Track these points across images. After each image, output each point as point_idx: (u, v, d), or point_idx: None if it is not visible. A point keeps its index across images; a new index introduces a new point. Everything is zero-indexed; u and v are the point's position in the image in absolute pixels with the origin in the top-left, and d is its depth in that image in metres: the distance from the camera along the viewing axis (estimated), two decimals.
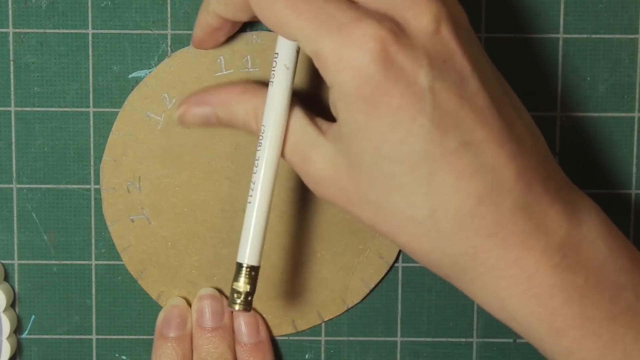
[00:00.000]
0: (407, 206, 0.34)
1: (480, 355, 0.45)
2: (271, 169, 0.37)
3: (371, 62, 0.33)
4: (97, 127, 0.43)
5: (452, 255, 0.35)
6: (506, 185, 0.34)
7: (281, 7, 0.34)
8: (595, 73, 0.43)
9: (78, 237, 0.44)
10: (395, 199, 0.34)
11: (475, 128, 0.34)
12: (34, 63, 0.43)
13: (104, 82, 0.43)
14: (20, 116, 0.43)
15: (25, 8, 0.42)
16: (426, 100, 0.33)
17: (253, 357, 0.43)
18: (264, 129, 0.37)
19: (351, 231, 0.43)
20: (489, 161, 0.34)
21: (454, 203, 0.34)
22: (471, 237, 0.34)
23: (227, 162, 0.43)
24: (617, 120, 0.43)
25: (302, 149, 0.37)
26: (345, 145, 0.35)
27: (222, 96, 0.39)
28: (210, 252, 0.43)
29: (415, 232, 0.35)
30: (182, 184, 0.43)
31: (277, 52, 0.37)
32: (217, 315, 0.43)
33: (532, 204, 0.35)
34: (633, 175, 0.44)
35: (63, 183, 0.43)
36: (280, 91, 0.37)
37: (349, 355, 0.44)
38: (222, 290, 0.44)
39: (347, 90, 0.34)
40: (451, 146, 0.34)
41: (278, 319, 0.44)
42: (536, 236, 0.34)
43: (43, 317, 0.44)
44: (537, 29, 0.43)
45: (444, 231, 0.34)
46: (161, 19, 0.43)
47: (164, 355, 0.42)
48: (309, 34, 0.34)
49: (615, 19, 0.43)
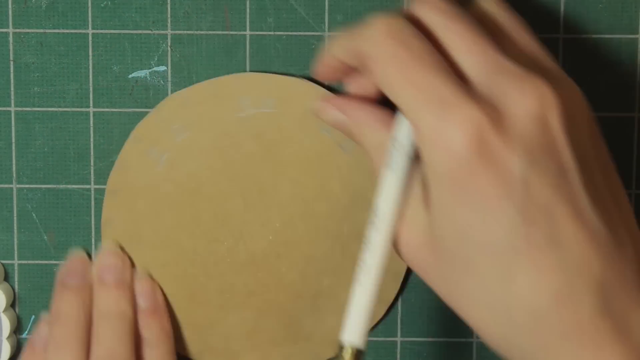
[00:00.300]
0: (483, 292, 0.34)
1: (480, 355, 0.45)
2: (384, 254, 0.37)
3: (465, 145, 0.33)
4: (97, 127, 0.43)
5: (522, 349, 0.34)
6: (591, 287, 0.33)
7: (392, 70, 0.34)
8: (595, 73, 0.43)
9: (78, 237, 0.44)
10: (472, 282, 0.34)
11: (568, 228, 0.33)
12: (34, 63, 0.43)
13: (104, 82, 0.43)
14: (20, 116, 0.43)
15: (25, 8, 0.42)
16: (517, 190, 0.32)
17: (151, 321, 0.42)
18: (378, 209, 0.36)
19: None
20: (576, 261, 0.33)
21: (531, 299, 0.33)
22: (545, 334, 0.33)
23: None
24: (617, 120, 0.43)
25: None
26: (432, 218, 0.35)
27: (362, 116, 0.39)
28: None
29: (488, 319, 0.34)
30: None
31: (397, 137, 0.37)
32: (118, 272, 0.43)
33: (615, 306, 0.33)
34: (633, 175, 0.44)
35: (63, 183, 0.43)
36: (399, 179, 0.36)
37: None
38: None
39: (438, 168, 0.33)
40: (537, 241, 0.32)
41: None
42: (616, 338, 0.33)
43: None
44: (537, 29, 0.43)
45: (517, 324, 0.33)
46: (161, 19, 0.43)
47: (65, 303, 0.42)
48: (412, 103, 0.34)
49: (615, 19, 0.43)
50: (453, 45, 0.35)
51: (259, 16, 0.43)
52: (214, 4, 0.43)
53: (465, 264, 0.34)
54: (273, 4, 0.43)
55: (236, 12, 0.43)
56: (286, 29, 0.43)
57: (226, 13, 0.43)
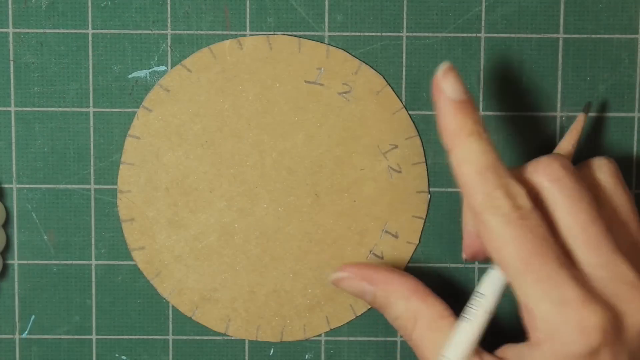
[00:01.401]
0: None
1: None
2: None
3: (585, 348, 0.34)
4: (97, 127, 0.43)
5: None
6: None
7: (513, 257, 0.35)
8: (595, 73, 0.43)
9: (78, 237, 0.44)
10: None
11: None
12: (34, 63, 0.43)
13: (104, 82, 0.43)
14: (20, 116, 0.43)
15: (25, 8, 0.42)
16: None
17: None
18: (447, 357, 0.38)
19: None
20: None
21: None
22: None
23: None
24: (617, 120, 0.43)
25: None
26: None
27: (388, 283, 0.40)
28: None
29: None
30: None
31: (483, 293, 0.38)
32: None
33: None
34: (633, 175, 0.44)
35: (63, 183, 0.43)
36: (474, 332, 0.38)
37: (349, 355, 0.44)
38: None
39: (547, 356, 0.34)
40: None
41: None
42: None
43: (43, 317, 0.44)
44: (537, 29, 0.43)
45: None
46: (161, 19, 0.43)
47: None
48: (531, 288, 0.35)
49: (615, 19, 0.43)
50: (569, 228, 0.36)
51: (259, 16, 0.43)
52: (214, 4, 0.43)
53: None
54: (273, 4, 0.43)
55: (236, 12, 0.43)
56: (286, 29, 0.43)
57: (226, 13, 0.43)
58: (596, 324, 0.34)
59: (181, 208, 0.43)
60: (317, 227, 0.43)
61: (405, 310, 0.39)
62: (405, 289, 0.40)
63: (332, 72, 0.42)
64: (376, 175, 0.43)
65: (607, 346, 0.34)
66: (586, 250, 0.36)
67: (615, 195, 0.38)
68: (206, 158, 0.43)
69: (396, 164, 0.43)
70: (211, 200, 0.43)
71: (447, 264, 0.44)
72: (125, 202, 0.43)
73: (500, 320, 0.43)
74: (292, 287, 0.43)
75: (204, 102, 0.42)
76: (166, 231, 0.43)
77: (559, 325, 0.34)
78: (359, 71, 0.42)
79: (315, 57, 0.42)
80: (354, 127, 0.43)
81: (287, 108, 0.43)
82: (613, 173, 0.39)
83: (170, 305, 0.44)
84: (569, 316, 0.34)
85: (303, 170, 0.43)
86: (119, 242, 0.44)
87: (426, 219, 0.43)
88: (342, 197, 0.43)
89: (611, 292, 0.35)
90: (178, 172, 0.43)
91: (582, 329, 0.34)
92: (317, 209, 0.43)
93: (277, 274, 0.43)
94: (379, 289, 0.40)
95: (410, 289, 0.40)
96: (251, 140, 0.43)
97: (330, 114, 0.43)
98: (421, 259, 0.44)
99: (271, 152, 0.43)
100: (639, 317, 0.34)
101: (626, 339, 0.34)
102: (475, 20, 0.43)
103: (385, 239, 0.43)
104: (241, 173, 0.43)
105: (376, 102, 0.43)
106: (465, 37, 0.43)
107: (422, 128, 0.43)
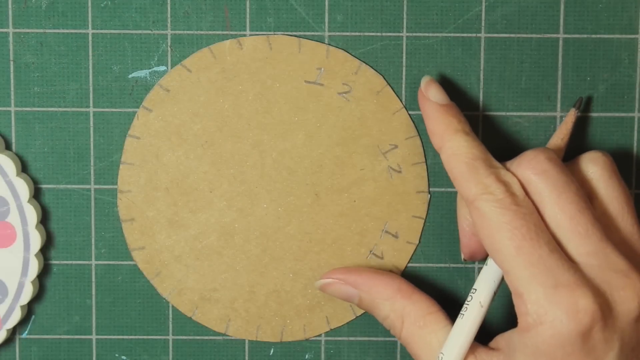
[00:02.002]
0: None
1: None
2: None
3: (575, 332, 0.34)
4: (97, 127, 0.43)
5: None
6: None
7: (506, 242, 0.35)
8: (595, 73, 0.43)
9: (78, 237, 0.44)
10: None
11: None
12: (34, 63, 0.43)
13: (104, 82, 0.43)
14: (20, 116, 0.43)
15: (25, 8, 0.42)
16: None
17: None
18: (442, 357, 0.38)
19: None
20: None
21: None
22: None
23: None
24: (617, 120, 0.43)
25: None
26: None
27: (371, 285, 0.40)
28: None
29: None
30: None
31: (476, 288, 0.38)
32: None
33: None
34: (633, 175, 0.44)
35: (63, 183, 0.43)
36: (469, 326, 0.38)
37: (349, 355, 0.44)
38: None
39: (537, 344, 0.34)
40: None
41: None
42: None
43: (43, 317, 0.44)
44: (537, 29, 0.43)
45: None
46: (161, 19, 0.43)
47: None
48: (522, 274, 0.35)
49: (615, 19, 0.43)
50: (557, 220, 0.36)
51: (259, 16, 0.43)
52: (214, 4, 0.43)
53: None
54: (273, 4, 0.43)
55: (236, 12, 0.43)
56: (286, 29, 0.43)
57: (226, 13, 0.43)
58: (587, 307, 0.34)
59: (181, 208, 0.43)
60: (317, 227, 0.43)
61: (392, 310, 0.40)
62: (389, 289, 0.40)
63: (332, 72, 0.42)
64: (376, 175, 0.43)
65: (597, 331, 0.34)
66: (575, 240, 0.36)
67: (608, 187, 0.38)
68: (206, 158, 0.43)
69: (396, 164, 0.43)
70: (211, 200, 0.43)
71: (447, 264, 0.44)
72: (125, 202, 0.43)
73: (496, 315, 0.43)
74: (292, 287, 0.43)
75: (204, 102, 0.42)
76: (166, 231, 0.43)
77: (550, 308, 0.34)
78: (359, 71, 0.42)
79: (315, 57, 0.42)
80: (354, 127, 0.43)
81: (287, 108, 0.43)
82: (606, 166, 0.39)
83: (170, 305, 0.44)
84: (560, 299, 0.34)
85: (303, 170, 0.43)
86: (119, 242, 0.44)
87: (426, 219, 0.44)
88: (342, 197, 0.43)
89: (602, 280, 0.35)
90: (178, 172, 0.43)
91: (572, 312, 0.34)
92: (317, 209, 0.43)
93: (277, 274, 0.43)
94: (363, 291, 0.41)
95: (394, 289, 0.40)
96: (251, 140, 0.43)
97: (330, 114, 0.43)
98: (421, 259, 0.44)
99: (271, 152, 0.43)
100: (630, 304, 0.35)
101: (617, 327, 0.34)
102: (475, 20, 0.43)
103: (385, 239, 0.43)
104: (241, 173, 0.43)
105: (376, 102, 0.43)
106: (465, 37, 0.43)
107: (422, 128, 0.43)
